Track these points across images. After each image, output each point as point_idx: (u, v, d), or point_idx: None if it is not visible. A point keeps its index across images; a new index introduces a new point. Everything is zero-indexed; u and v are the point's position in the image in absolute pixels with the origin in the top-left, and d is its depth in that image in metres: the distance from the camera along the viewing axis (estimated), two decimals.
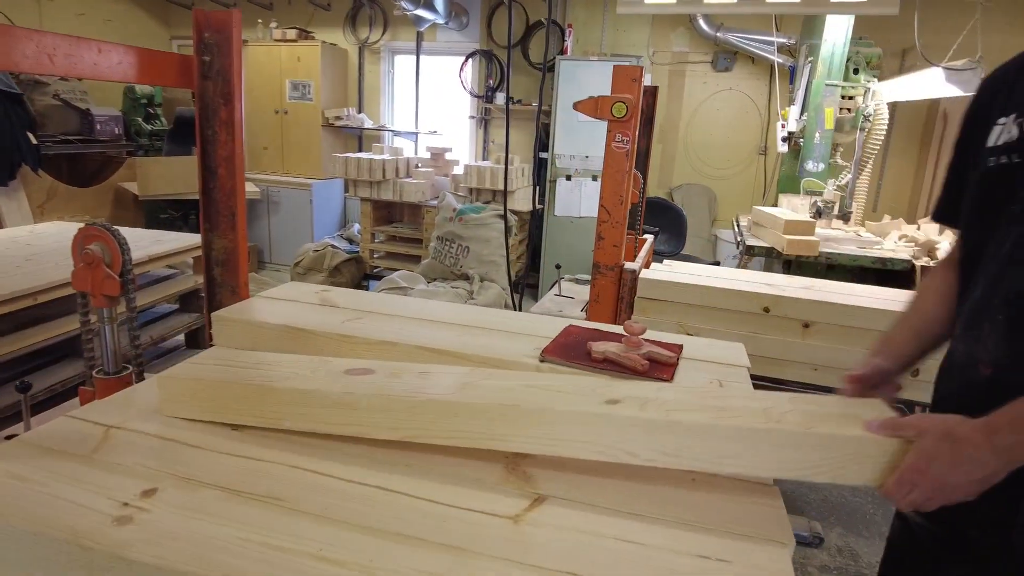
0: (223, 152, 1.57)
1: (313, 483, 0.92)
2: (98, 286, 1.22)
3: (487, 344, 1.34)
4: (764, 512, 0.95)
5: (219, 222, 1.60)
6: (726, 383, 1.23)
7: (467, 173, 4.49)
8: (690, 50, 4.80)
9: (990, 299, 1.00)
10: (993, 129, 1.04)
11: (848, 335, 2.09)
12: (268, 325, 1.37)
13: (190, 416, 1.07)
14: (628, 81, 2.15)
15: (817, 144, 3.15)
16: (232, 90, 1.52)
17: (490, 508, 0.90)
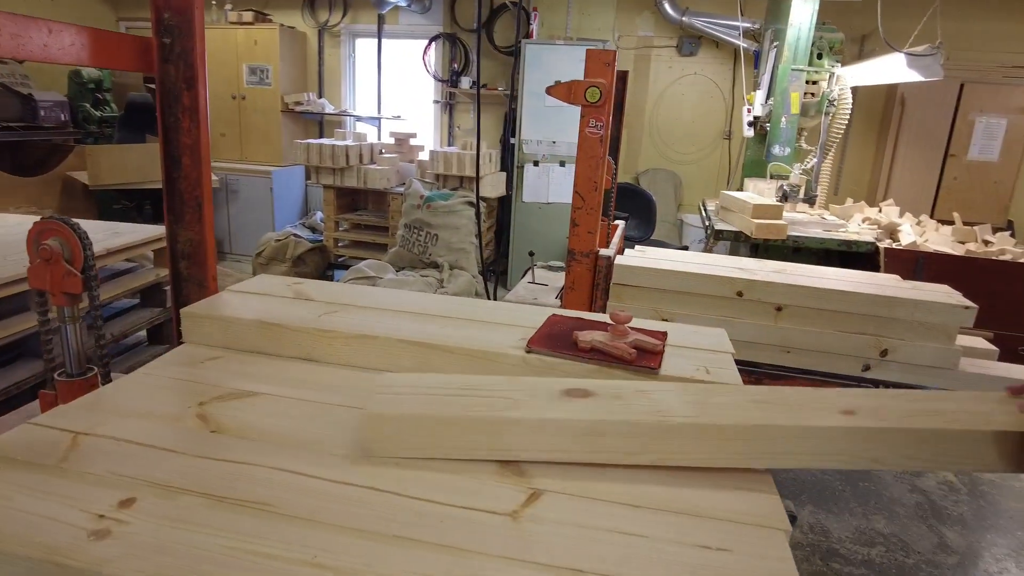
0: (187, 140, 1.49)
1: (300, 485, 0.89)
2: (58, 283, 1.15)
3: (471, 335, 1.31)
4: (758, 499, 0.95)
5: (184, 213, 1.53)
6: (712, 370, 1.23)
7: (433, 159, 4.42)
8: (655, 34, 4.81)
9: None
10: None
11: (820, 317, 2.12)
12: (241, 321, 1.32)
13: (409, 455, 0.96)
14: (601, 65, 2.13)
15: (783, 129, 3.19)
16: (195, 74, 1.44)
17: (486, 505, 0.88)
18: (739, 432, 0.97)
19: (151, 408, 1.07)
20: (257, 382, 1.19)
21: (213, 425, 1.03)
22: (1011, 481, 2.72)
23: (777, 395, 1.05)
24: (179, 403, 1.09)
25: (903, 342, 2.08)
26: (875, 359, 2.11)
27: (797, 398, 1.04)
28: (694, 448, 0.98)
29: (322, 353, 1.30)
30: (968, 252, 2.84)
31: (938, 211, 4.21)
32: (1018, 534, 2.39)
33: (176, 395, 1.12)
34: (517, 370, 1.23)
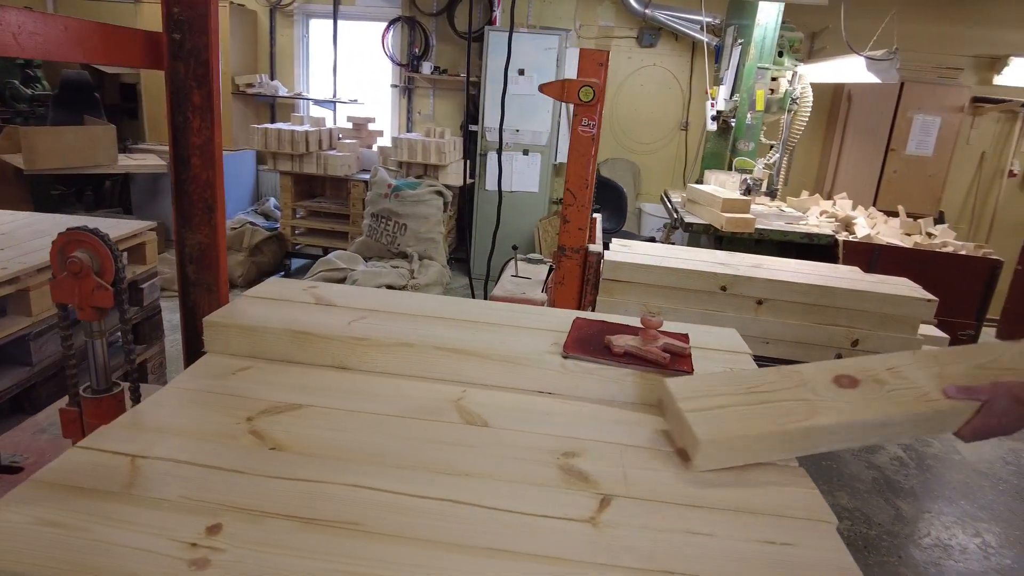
0: (197, 140, 1.44)
1: (381, 502, 0.90)
2: (87, 298, 1.10)
3: (505, 341, 1.33)
4: (802, 495, 1.02)
5: (193, 216, 1.48)
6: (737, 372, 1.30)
7: (397, 146, 4.35)
8: (615, 24, 4.86)
9: None
10: None
11: (797, 310, 2.25)
12: (270, 330, 1.30)
13: (726, 466, 1.06)
14: (595, 65, 2.16)
15: (749, 125, 3.32)
16: (208, 72, 1.39)
17: (564, 512, 0.91)
18: None
19: (198, 426, 1.05)
20: (298, 393, 1.17)
21: (270, 442, 1.02)
22: (952, 455, 2.97)
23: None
24: (225, 419, 1.07)
25: (872, 332, 2.23)
26: (847, 349, 2.25)
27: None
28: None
29: (356, 361, 1.29)
30: (916, 244, 3.05)
31: (880, 202, 4.48)
32: (961, 503, 2.62)
33: (219, 410, 1.10)
34: (557, 376, 1.26)
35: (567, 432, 1.13)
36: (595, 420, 1.18)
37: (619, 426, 1.17)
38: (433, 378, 1.27)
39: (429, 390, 1.23)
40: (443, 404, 1.18)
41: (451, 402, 1.19)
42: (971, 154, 4.89)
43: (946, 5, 4.53)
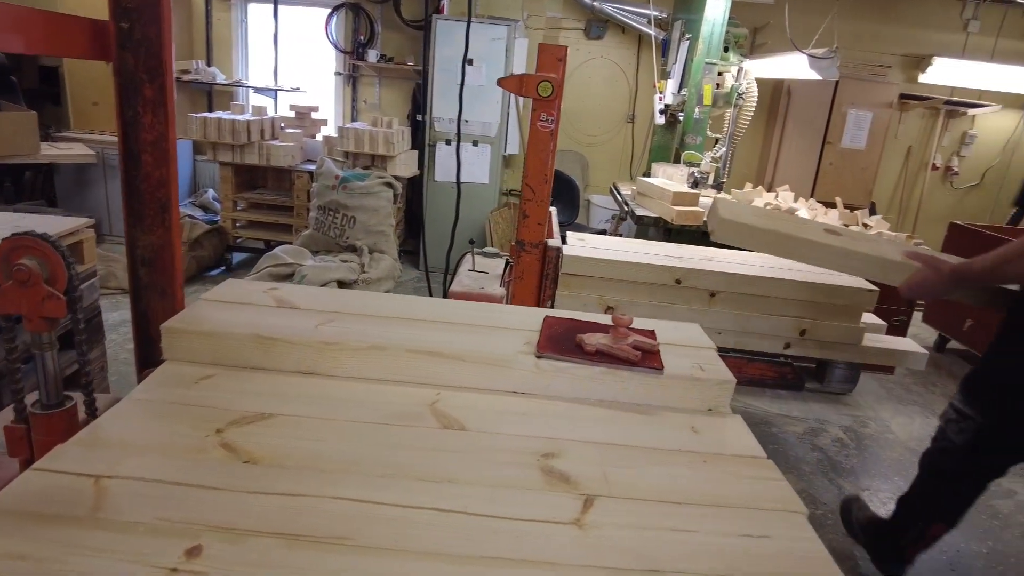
0: (148, 136, 1.36)
1: (366, 514, 0.88)
2: (36, 308, 1.03)
3: (477, 342, 1.33)
4: (773, 487, 1.06)
5: (145, 216, 1.40)
6: (705, 367, 1.34)
7: (343, 136, 4.24)
8: (563, 16, 4.87)
9: None
10: None
11: (749, 302, 2.32)
12: (234, 335, 1.25)
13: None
14: (553, 60, 2.16)
15: (696, 119, 3.39)
16: (160, 64, 1.32)
17: (550, 516, 0.92)
18: None
19: (165, 440, 1.00)
20: (267, 402, 1.14)
21: (244, 455, 0.98)
22: (886, 435, 3.15)
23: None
24: (193, 432, 1.03)
25: (819, 322, 2.33)
26: (795, 338, 2.35)
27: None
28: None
29: (326, 366, 1.26)
30: None
31: (817, 193, 4.68)
32: (895, 479, 2.78)
33: (185, 422, 1.05)
34: (531, 376, 1.27)
35: (545, 433, 1.14)
36: (571, 420, 1.19)
37: (595, 425, 1.18)
38: (406, 382, 1.25)
39: (403, 394, 1.21)
40: (418, 408, 1.17)
41: (426, 406, 1.18)
42: (899, 148, 5.16)
43: (876, 5, 4.74)
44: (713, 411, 1.30)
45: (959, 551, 2.34)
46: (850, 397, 3.46)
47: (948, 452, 1.83)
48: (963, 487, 1.86)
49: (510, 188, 5.15)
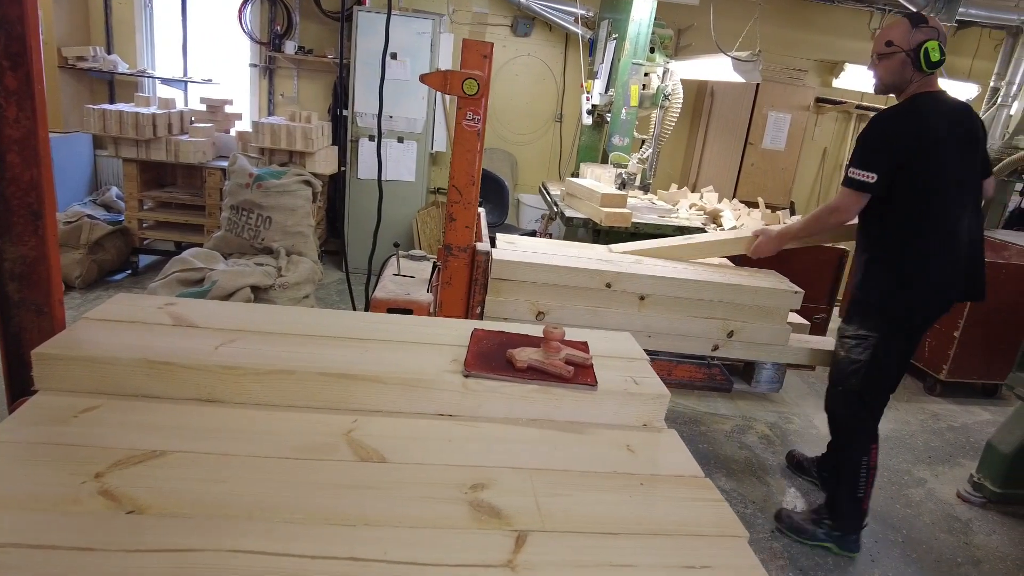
0: (14, 133, 1.19)
1: (269, 569, 0.78)
2: None
3: (398, 360, 1.23)
4: (711, 509, 1.03)
5: (13, 225, 1.23)
6: (639, 380, 1.29)
7: (258, 131, 4.00)
8: (489, 12, 4.79)
9: None
10: None
11: (677, 305, 2.32)
12: (120, 360, 1.10)
13: None
14: (479, 57, 2.08)
15: (623, 120, 3.39)
16: (24, 50, 1.14)
17: (479, 558, 0.84)
18: None
19: (30, 491, 0.86)
20: (159, 437, 1.01)
21: (127, 504, 0.86)
22: (809, 430, 3.25)
23: None
24: (67, 478, 0.89)
25: (746, 324, 2.35)
26: (723, 340, 2.36)
27: None
28: None
29: (227, 393, 1.14)
30: None
31: (739, 193, 4.81)
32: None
33: (58, 467, 0.91)
34: (458, 396, 1.18)
35: (472, 460, 1.06)
36: (501, 443, 1.12)
37: (526, 448, 1.11)
38: (319, 408, 1.15)
39: (315, 423, 1.10)
40: (332, 439, 1.06)
41: (341, 435, 1.08)
42: (815, 149, 5.37)
43: (794, 12, 4.90)
44: (648, 426, 1.25)
45: (877, 541, 2.43)
46: (758, 393, 3.55)
47: (857, 371, 2.20)
48: (876, 401, 2.27)
49: (438, 186, 5.03)
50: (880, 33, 2.16)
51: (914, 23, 2.07)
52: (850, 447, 2.30)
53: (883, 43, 2.11)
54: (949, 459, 3.14)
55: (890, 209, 2.10)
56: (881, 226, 2.14)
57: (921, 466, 3.04)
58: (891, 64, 2.10)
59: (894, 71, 2.10)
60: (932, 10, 4.00)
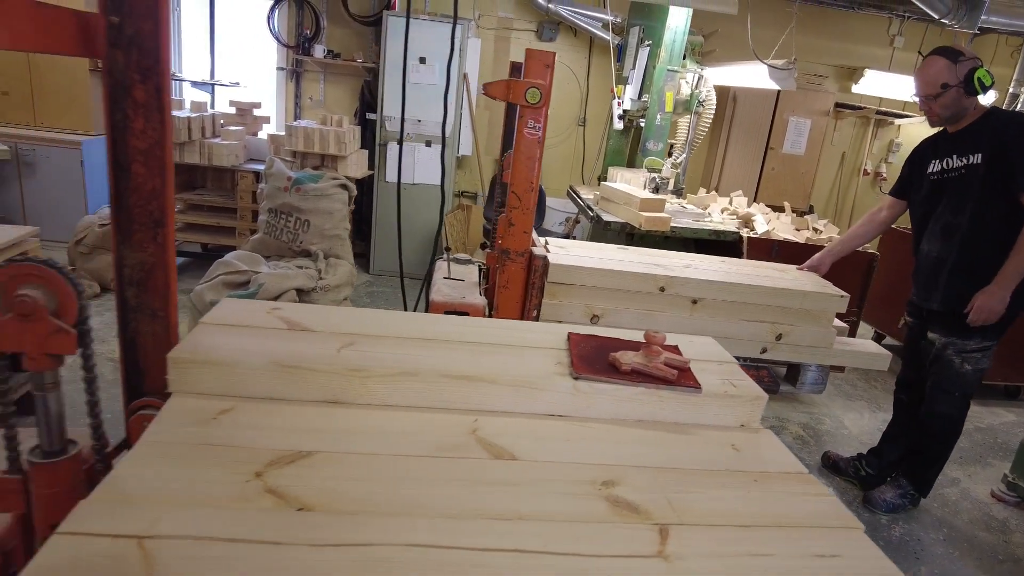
0: (139, 143, 1.22)
1: (447, 561, 0.82)
2: (41, 344, 0.90)
3: (508, 363, 1.28)
4: (826, 503, 1.08)
5: (134, 232, 1.26)
6: (736, 383, 1.34)
7: (292, 134, 4.03)
8: (515, 16, 4.84)
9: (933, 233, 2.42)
10: (929, 165, 2.42)
11: (729, 308, 2.37)
12: (252, 364, 1.15)
13: None
14: (542, 67, 2.12)
15: (658, 125, 3.44)
16: (155, 63, 1.18)
17: (632, 550, 0.89)
18: None
19: (202, 490, 0.90)
20: (300, 438, 1.05)
21: (294, 502, 0.90)
22: (841, 431, 3.30)
23: None
24: (231, 477, 0.93)
25: (794, 327, 2.40)
26: (771, 343, 2.41)
27: None
28: None
29: (352, 395, 1.18)
30: (808, 239, 3.34)
31: (760, 197, 4.86)
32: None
33: (218, 467, 0.95)
34: (569, 398, 1.23)
35: (595, 459, 1.10)
36: (616, 443, 1.16)
37: (641, 447, 1.16)
38: (440, 408, 1.19)
39: (440, 422, 1.15)
40: (461, 438, 1.11)
41: (469, 435, 1.12)
42: (834, 154, 5.44)
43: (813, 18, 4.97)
44: (745, 427, 1.30)
45: (920, 540, 2.48)
46: (802, 394, 3.61)
47: (980, 377, 2.42)
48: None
49: (462, 190, 5.07)
50: (924, 79, 2.27)
51: (953, 58, 2.20)
52: (954, 437, 2.53)
53: (936, 86, 2.23)
54: (980, 459, 3.20)
55: (1008, 218, 2.20)
56: (1001, 236, 2.22)
57: (953, 466, 3.09)
58: (946, 99, 2.24)
59: (951, 105, 2.25)
60: (954, 19, 4.07)
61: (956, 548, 2.47)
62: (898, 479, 2.65)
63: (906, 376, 2.70)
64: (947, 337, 2.38)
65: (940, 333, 2.40)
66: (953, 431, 2.50)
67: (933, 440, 2.52)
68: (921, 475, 2.59)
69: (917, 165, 2.48)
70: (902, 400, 2.70)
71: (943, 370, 2.40)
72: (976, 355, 2.37)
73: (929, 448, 2.53)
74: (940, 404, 2.45)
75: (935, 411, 2.47)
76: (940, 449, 2.53)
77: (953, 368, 2.39)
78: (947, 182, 2.33)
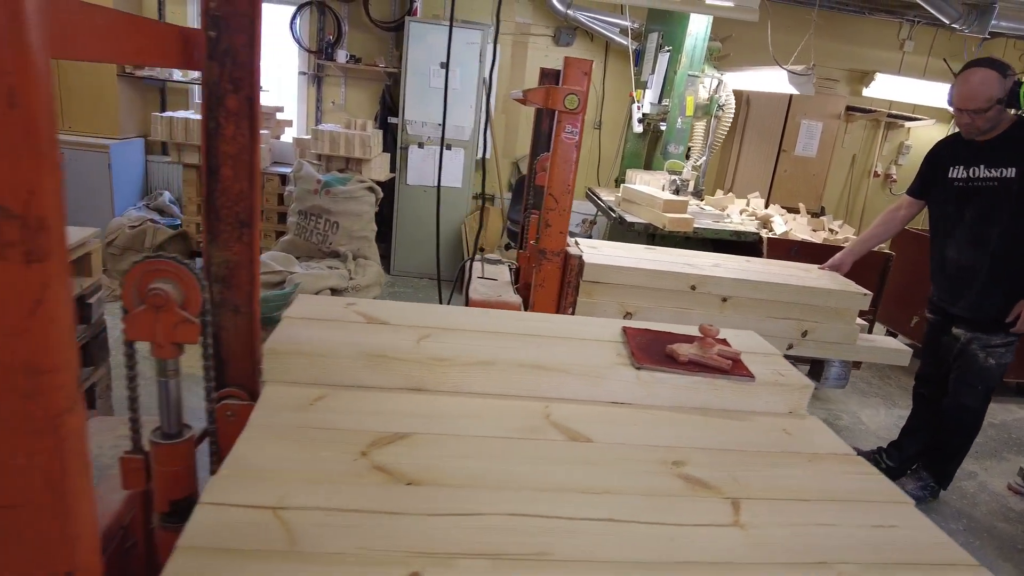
0: (229, 149, 1.31)
1: (550, 528, 0.90)
2: (168, 333, 0.99)
3: (574, 353, 1.36)
4: (872, 480, 1.16)
5: (220, 231, 1.34)
6: (784, 373, 1.43)
7: (317, 138, 4.13)
8: (532, 22, 4.93)
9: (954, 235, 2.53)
10: (951, 169, 2.49)
11: (757, 306, 2.45)
12: (342, 354, 1.23)
13: None
14: (580, 74, 2.21)
15: (679, 129, 3.53)
16: (247, 75, 1.27)
17: (712, 520, 0.97)
18: None
19: (316, 467, 0.99)
20: (392, 421, 1.14)
21: (401, 477, 0.98)
22: (858, 426, 3.39)
23: None
24: (340, 456, 1.02)
25: (819, 324, 2.49)
26: (797, 339, 2.50)
27: None
28: None
29: (432, 382, 1.26)
30: (825, 240, 3.43)
31: (772, 198, 4.94)
32: None
33: (327, 447, 1.04)
34: (632, 386, 1.31)
35: (663, 442, 1.19)
36: (679, 427, 1.25)
37: (703, 432, 1.24)
38: (513, 396, 1.28)
39: (515, 408, 1.23)
40: (536, 421, 1.19)
41: (543, 419, 1.21)
42: (844, 156, 5.53)
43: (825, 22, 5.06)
44: (793, 413, 1.39)
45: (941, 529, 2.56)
46: (819, 391, 3.69)
47: (1003, 372, 2.54)
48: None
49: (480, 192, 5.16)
50: (973, 92, 2.31)
51: (1002, 72, 2.27)
52: (975, 430, 2.66)
53: (985, 100, 2.28)
54: (995, 454, 3.28)
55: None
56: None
57: (969, 460, 3.17)
58: (992, 113, 2.30)
59: (994, 118, 2.32)
60: (964, 24, 4.16)
61: (976, 538, 2.55)
62: (919, 471, 2.73)
63: (925, 371, 2.78)
64: (973, 332, 2.47)
65: (966, 328, 2.49)
66: (974, 424, 2.59)
67: (955, 433, 2.60)
68: (942, 468, 2.67)
69: (938, 166, 2.56)
70: (922, 394, 2.79)
71: (968, 364, 2.49)
72: (1000, 350, 2.47)
73: (950, 441, 2.62)
74: (964, 397, 2.53)
75: (959, 403, 2.55)
76: (961, 442, 2.61)
77: (977, 362, 2.47)
78: (975, 191, 2.40)
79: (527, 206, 3.01)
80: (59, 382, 0.63)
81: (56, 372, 0.62)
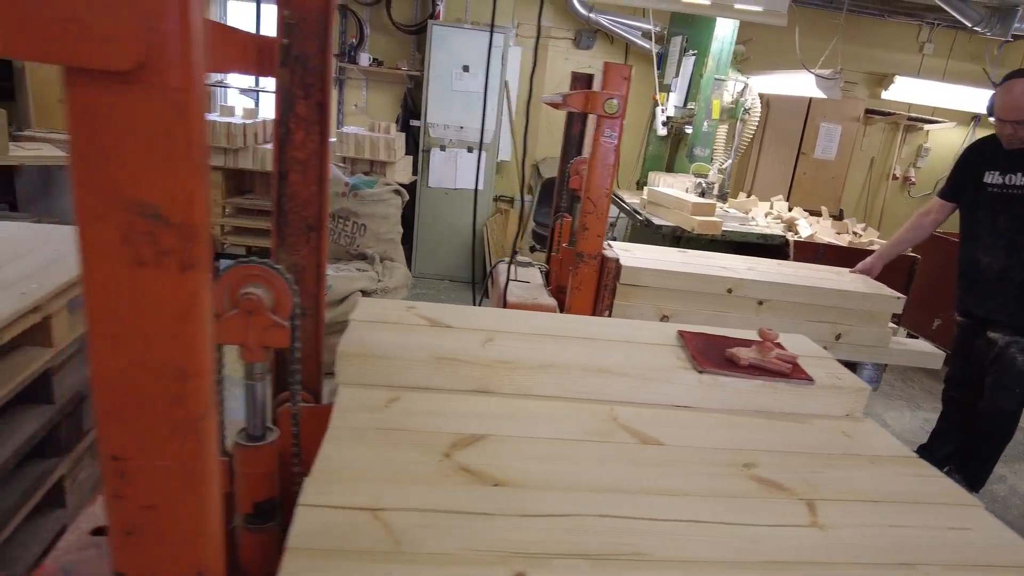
0: (298, 154, 1.33)
1: (643, 529, 0.92)
2: (258, 337, 1.01)
3: (634, 356, 1.38)
4: (937, 483, 1.18)
5: (288, 235, 1.37)
6: (840, 376, 1.44)
7: (343, 140, 4.16)
8: (553, 25, 4.95)
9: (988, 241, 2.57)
10: (985, 174, 2.53)
11: (793, 309, 2.47)
12: (413, 357, 1.26)
13: None
14: (619, 79, 2.24)
15: (705, 132, 3.55)
16: (318, 81, 1.29)
17: (791, 520, 0.99)
18: None
19: (403, 468, 1.01)
20: (466, 422, 1.16)
21: (486, 478, 1.00)
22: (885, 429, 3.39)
23: None
24: (424, 457, 1.04)
25: (852, 327, 2.50)
26: (831, 342, 2.51)
27: None
28: None
29: (499, 384, 1.29)
30: (850, 243, 3.44)
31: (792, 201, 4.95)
32: None
33: (409, 448, 1.06)
34: (694, 390, 1.33)
35: (730, 444, 1.21)
36: (743, 430, 1.26)
37: (767, 435, 1.26)
38: (578, 398, 1.30)
39: (581, 410, 1.25)
40: (604, 424, 1.21)
41: (610, 421, 1.22)
42: (863, 159, 5.54)
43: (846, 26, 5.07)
44: (850, 416, 1.40)
45: None
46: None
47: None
48: None
49: (500, 194, 5.18)
50: (1014, 101, 2.33)
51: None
52: (1010, 433, 2.67)
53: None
54: (1022, 457, 3.29)
55: None
56: None
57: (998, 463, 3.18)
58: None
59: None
60: (987, 27, 4.17)
61: None
62: (951, 474, 2.74)
63: (956, 375, 2.79)
64: (1011, 336, 2.48)
65: (1003, 332, 2.50)
66: (1010, 427, 2.60)
67: (991, 436, 2.61)
68: (975, 471, 2.68)
69: (970, 171, 2.57)
70: (953, 398, 2.80)
71: (1006, 367, 2.50)
72: (1014, 347, 2.48)
73: (985, 444, 2.63)
74: (1001, 400, 2.55)
75: (996, 407, 2.56)
76: (996, 445, 2.62)
77: (1016, 366, 2.48)
78: (1011, 198, 2.42)
79: (557, 208, 3.03)
80: (202, 386, 0.65)
81: (200, 377, 0.64)
